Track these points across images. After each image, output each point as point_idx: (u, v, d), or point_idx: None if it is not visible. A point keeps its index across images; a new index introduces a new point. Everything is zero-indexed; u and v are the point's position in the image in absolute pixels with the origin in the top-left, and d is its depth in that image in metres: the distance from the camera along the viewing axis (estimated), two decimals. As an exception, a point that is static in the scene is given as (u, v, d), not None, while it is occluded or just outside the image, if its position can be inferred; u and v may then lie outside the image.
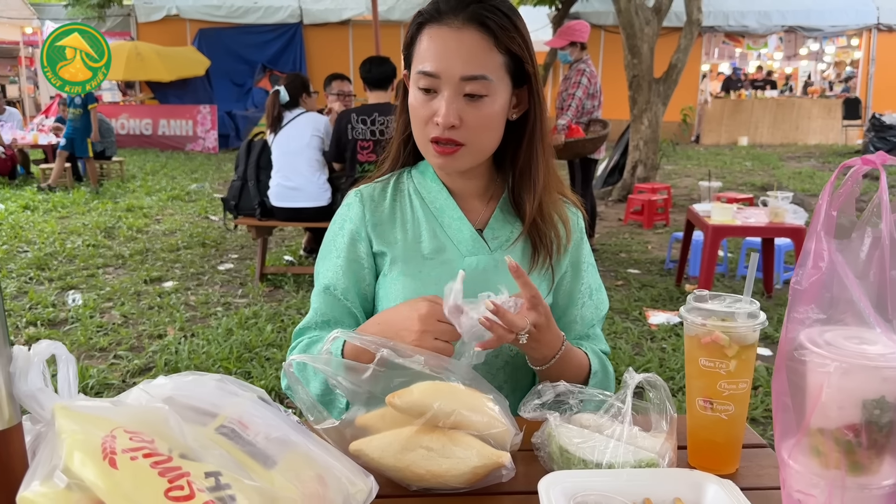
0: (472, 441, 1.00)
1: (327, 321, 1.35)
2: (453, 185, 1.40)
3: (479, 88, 1.23)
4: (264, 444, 0.85)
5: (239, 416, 0.86)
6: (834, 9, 16.98)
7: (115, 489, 0.69)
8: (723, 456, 1.06)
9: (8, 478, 0.78)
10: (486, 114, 1.26)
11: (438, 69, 1.23)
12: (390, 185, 1.43)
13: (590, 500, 0.91)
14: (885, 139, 13.47)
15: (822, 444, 0.79)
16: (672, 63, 9.23)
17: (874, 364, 0.75)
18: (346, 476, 0.91)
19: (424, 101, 1.26)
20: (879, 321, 0.76)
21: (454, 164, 1.30)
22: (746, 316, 1.00)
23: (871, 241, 0.76)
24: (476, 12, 1.23)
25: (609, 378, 1.39)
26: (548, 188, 1.37)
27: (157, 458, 0.72)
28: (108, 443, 0.72)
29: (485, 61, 1.23)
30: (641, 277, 5.74)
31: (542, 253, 1.38)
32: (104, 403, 0.80)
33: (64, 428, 0.74)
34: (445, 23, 1.24)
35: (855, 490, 0.78)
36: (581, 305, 1.43)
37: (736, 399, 1.02)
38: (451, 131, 1.24)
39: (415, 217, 1.39)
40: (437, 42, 1.24)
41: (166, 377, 0.89)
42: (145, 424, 0.77)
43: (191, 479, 0.71)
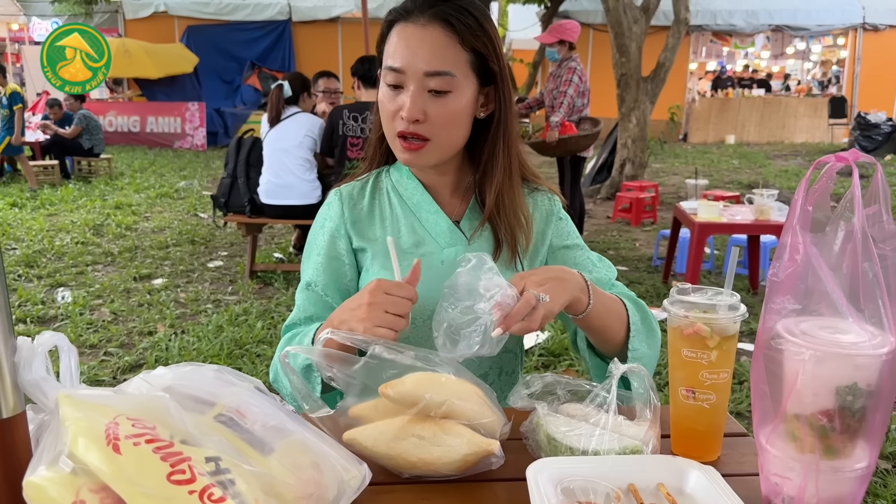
0: (463, 430, 1.03)
1: (310, 317, 1.38)
2: (428, 181, 1.43)
3: (443, 84, 1.26)
4: (261, 432, 0.87)
5: (236, 405, 0.89)
6: (820, 8, 17.11)
7: (119, 473, 0.72)
8: (705, 444, 1.09)
9: (13, 464, 0.80)
10: (450, 109, 1.28)
11: (403, 64, 1.26)
12: (369, 184, 1.46)
13: (576, 485, 0.94)
14: (870, 137, 13.59)
15: (798, 430, 0.82)
16: (660, 62, 9.29)
17: (847, 352, 0.79)
18: (340, 463, 0.94)
19: (391, 96, 1.29)
20: (852, 311, 0.79)
21: (420, 160, 1.33)
22: (727, 308, 1.04)
23: (844, 235, 0.80)
24: (441, 11, 1.26)
25: (646, 311, 1.37)
26: (509, 183, 1.39)
27: (159, 443, 0.75)
28: (111, 429, 0.75)
29: (449, 58, 1.27)
30: (629, 274, 5.79)
31: (504, 245, 1.40)
32: (106, 392, 0.83)
33: (68, 415, 0.77)
34: (412, 20, 1.28)
35: (829, 473, 0.82)
36: (590, 271, 1.44)
37: (717, 388, 1.06)
38: (415, 126, 1.27)
39: (393, 213, 1.42)
40: (403, 39, 1.28)
41: (165, 368, 0.92)
42: (147, 412, 0.79)
43: (192, 464, 0.73)
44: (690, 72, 18.08)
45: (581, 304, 1.21)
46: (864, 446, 0.82)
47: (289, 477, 0.82)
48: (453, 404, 1.04)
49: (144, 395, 0.83)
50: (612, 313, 1.29)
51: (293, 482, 0.82)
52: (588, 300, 1.22)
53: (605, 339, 1.31)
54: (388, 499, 1.00)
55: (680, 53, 11.31)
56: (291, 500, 0.81)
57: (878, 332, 0.79)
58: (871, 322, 0.79)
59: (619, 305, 1.33)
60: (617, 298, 1.34)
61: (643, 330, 1.33)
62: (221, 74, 16.83)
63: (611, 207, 8.53)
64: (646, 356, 1.32)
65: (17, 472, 0.80)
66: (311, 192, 5.28)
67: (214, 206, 5.66)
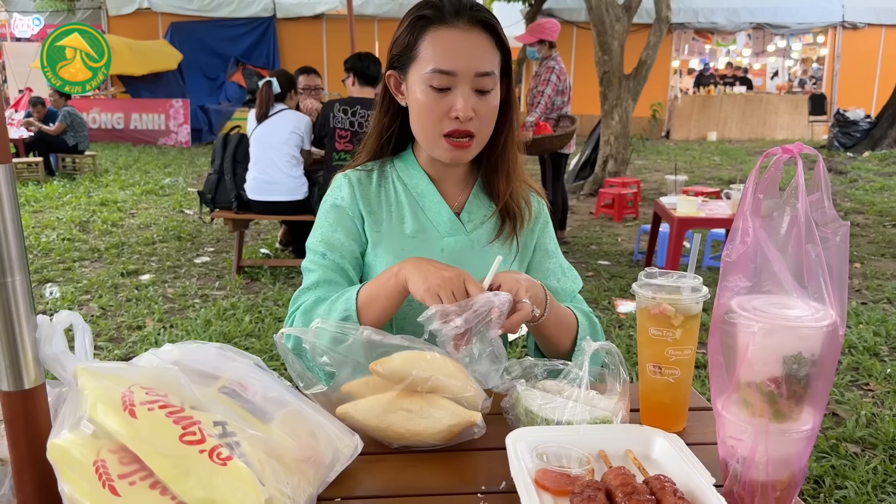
0: (447, 403, 1.11)
1: (329, 281, 1.43)
2: (435, 174, 1.52)
3: (489, 83, 1.37)
4: (262, 403, 0.95)
5: (239, 378, 0.97)
6: (800, 6, 17.31)
7: (135, 435, 0.79)
8: (671, 416, 1.18)
9: (35, 431, 0.87)
10: (492, 106, 1.40)
11: (455, 67, 1.34)
12: (374, 172, 1.54)
13: (550, 451, 1.02)
14: (848, 134, 13.78)
15: (750, 396, 0.91)
16: (642, 59, 9.40)
17: (792, 325, 0.87)
18: (334, 433, 1.02)
19: (438, 98, 1.36)
20: (797, 288, 0.88)
21: (467, 156, 1.43)
22: (690, 290, 1.13)
23: (789, 219, 0.88)
24: (479, 15, 1.36)
25: (596, 328, 1.51)
26: (518, 171, 1.52)
27: (171, 409, 0.82)
28: (127, 396, 0.82)
29: (492, 59, 1.38)
30: (611, 268, 5.89)
31: (508, 227, 1.52)
32: (120, 365, 0.90)
33: (86, 385, 0.84)
34: (452, 25, 1.35)
35: (777, 434, 0.91)
36: (557, 280, 1.56)
37: (682, 364, 1.14)
38: (469, 124, 1.36)
39: (398, 200, 1.51)
40: (451, 43, 1.35)
41: (172, 345, 0.99)
42: (158, 382, 0.87)
43: (201, 427, 0.81)
44: (673, 69, 18.24)
45: (536, 315, 1.32)
46: (809, 410, 0.91)
47: (288, 441, 0.90)
48: (438, 380, 1.12)
49: (155, 367, 0.91)
50: (562, 327, 1.42)
51: (292, 446, 0.90)
52: (543, 311, 1.33)
53: (552, 346, 1.44)
54: (378, 467, 1.08)
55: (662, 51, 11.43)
56: (291, 462, 0.89)
57: (821, 307, 0.88)
58: (814, 298, 0.88)
59: (572, 320, 1.46)
60: (571, 314, 1.46)
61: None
62: (205, 71, 16.80)
63: (594, 203, 8.64)
64: None
65: (39, 438, 0.88)
66: (298, 188, 5.33)
67: (201, 202, 5.70)
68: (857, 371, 3.83)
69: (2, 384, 0.86)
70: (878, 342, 4.18)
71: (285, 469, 0.87)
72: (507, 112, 1.47)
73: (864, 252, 6.41)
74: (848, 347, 4.11)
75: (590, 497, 0.90)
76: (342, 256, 1.45)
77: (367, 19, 16.00)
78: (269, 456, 0.85)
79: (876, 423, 3.21)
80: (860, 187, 9.72)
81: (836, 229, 0.88)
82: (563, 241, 6.78)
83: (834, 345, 0.88)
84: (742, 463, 0.93)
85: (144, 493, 0.77)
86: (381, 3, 16.67)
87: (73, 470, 0.79)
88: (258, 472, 0.81)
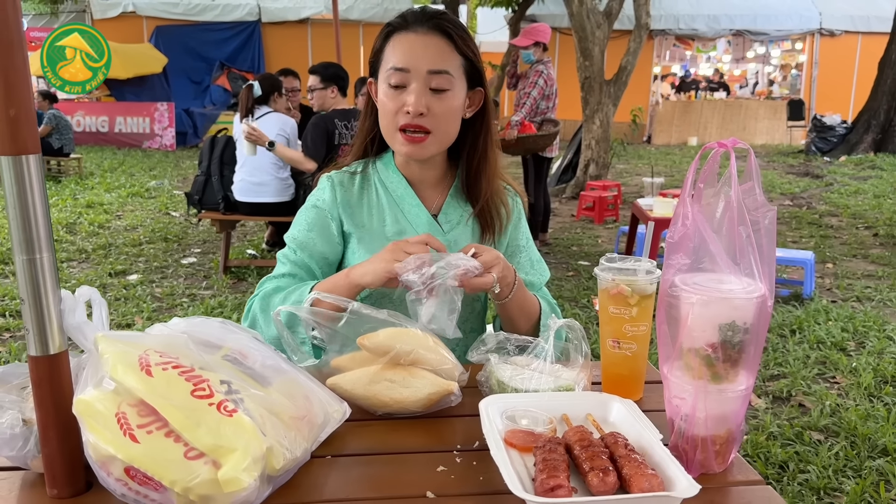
0: (427, 374, 1.23)
1: (293, 275, 1.56)
2: (412, 176, 1.63)
3: (443, 82, 1.48)
4: (261, 370, 1.07)
5: (239, 348, 1.08)
6: (779, 14, 17.61)
7: (152, 391, 0.91)
8: (629, 386, 1.30)
9: (59, 392, 0.98)
10: (448, 105, 1.50)
11: (408, 64, 1.47)
12: (358, 174, 1.65)
13: (517, 413, 1.15)
14: (825, 139, 14.05)
15: (691, 360, 1.04)
16: (622, 65, 9.59)
17: (725, 297, 1.00)
18: (325, 399, 1.14)
19: (394, 95, 1.49)
20: (730, 265, 1.01)
21: (421, 151, 1.52)
22: (644, 272, 1.25)
23: (724, 205, 1.01)
24: (438, 22, 1.49)
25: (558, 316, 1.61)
26: (495, 175, 1.63)
27: (182, 369, 0.94)
28: (143, 359, 0.94)
29: (447, 59, 1.49)
30: (591, 269, 6.01)
31: (487, 231, 1.64)
32: (135, 333, 1.02)
33: (106, 350, 0.96)
34: (412, 30, 1.49)
35: (715, 394, 1.03)
36: (526, 273, 1.67)
37: (638, 339, 1.27)
38: (419, 119, 1.48)
39: (379, 203, 1.62)
40: (407, 44, 1.49)
41: (179, 318, 1.10)
42: (170, 347, 0.98)
43: (210, 383, 0.93)
44: (654, 75, 18.48)
45: (503, 294, 1.45)
46: (743, 373, 1.04)
47: (286, 402, 1.02)
48: (419, 353, 1.24)
49: (167, 335, 1.02)
50: (524, 311, 1.54)
51: (289, 406, 1.02)
52: (508, 294, 1.46)
53: (513, 327, 1.55)
54: (365, 431, 1.20)
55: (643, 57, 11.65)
56: (288, 419, 1.00)
57: (752, 282, 1.01)
58: (745, 273, 1.01)
59: (536, 308, 1.58)
60: (537, 303, 1.59)
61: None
62: (190, 75, 16.84)
63: (575, 206, 8.79)
64: None
65: (62, 398, 0.99)
66: (285, 190, 5.44)
67: (189, 203, 5.79)
68: (824, 365, 3.99)
69: (30, 350, 0.97)
70: (846, 338, 4.34)
71: (283, 425, 0.98)
72: (484, 116, 1.59)
73: (837, 253, 6.59)
74: (817, 343, 4.27)
75: (550, 449, 1.02)
76: (310, 256, 1.57)
77: (352, 24, 16.11)
78: (269, 413, 0.97)
79: (840, 412, 3.36)
80: (835, 191, 9.95)
81: (764, 213, 1.01)
82: (545, 243, 6.92)
83: (763, 314, 1.01)
84: (685, 420, 1.06)
85: (160, 441, 0.88)
86: (366, 7, 16.79)
87: (97, 421, 0.90)
88: (260, 425, 0.92)
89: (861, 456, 2.96)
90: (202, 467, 0.86)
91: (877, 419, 3.26)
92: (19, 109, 0.92)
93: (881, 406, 3.41)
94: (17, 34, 0.90)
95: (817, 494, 2.72)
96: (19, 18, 0.91)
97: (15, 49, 0.90)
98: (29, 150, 0.93)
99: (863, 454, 2.97)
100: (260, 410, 0.95)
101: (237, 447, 0.88)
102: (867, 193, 9.62)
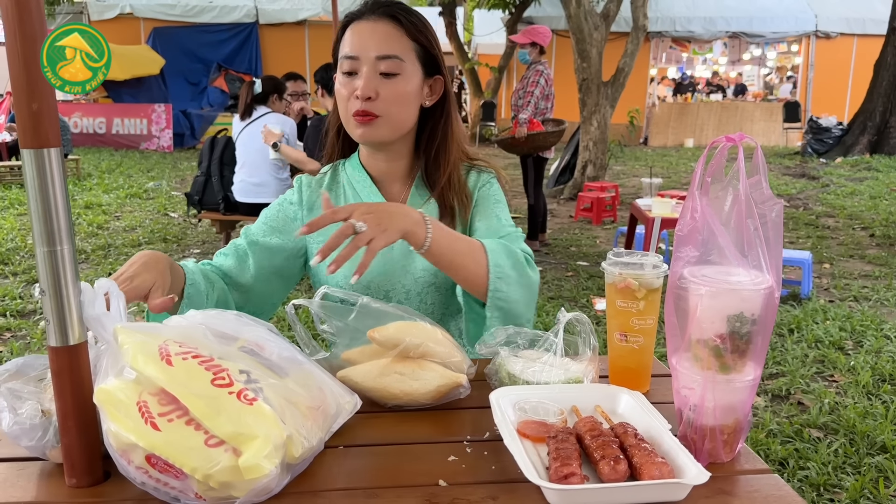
0: (436, 366, 1.25)
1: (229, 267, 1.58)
2: (377, 171, 1.65)
3: (393, 67, 1.49)
4: (277, 361, 1.08)
5: (256, 339, 1.10)
6: (775, 16, 17.69)
7: (172, 380, 0.92)
8: (636, 379, 1.32)
9: (79, 382, 1.00)
10: (399, 90, 1.50)
11: (357, 51, 1.49)
12: (327, 176, 1.69)
13: (529, 405, 1.16)
14: (821, 141, 14.11)
15: (699, 351, 1.05)
16: (619, 67, 9.61)
17: (733, 288, 1.02)
18: (338, 391, 1.15)
19: (346, 82, 1.51)
20: (738, 257, 1.03)
21: (373, 134, 1.52)
22: (651, 266, 1.27)
23: (732, 198, 1.03)
24: (389, 9, 1.51)
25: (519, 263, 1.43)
26: (456, 163, 1.62)
27: (202, 358, 0.95)
28: (163, 349, 0.95)
29: (396, 45, 1.50)
30: (589, 269, 6.05)
31: (446, 216, 1.60)
32: (153, 325, 1.03)
33: (125, 341, 0.97)
34: (364, 18, 1.51)
35: (723, 384, 1.05)
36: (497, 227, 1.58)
37: (645, 332, 1.29)
38: (368, 103, 1.49)
39: (346, 202, 1.64)
40: (357, 32, 1.51)
41: (195, 311, 1.12)
42: (189, 338, 1.00)
43: (230, 372, 0.94)
44: (651, 77, 18.54)
45: (418, 237, 1.28)
46: (750, 363, 1.05)
47: (302, 392, 1.03)
48: (428, 346, 1.25)
49: (185, 325, 1.03)
50: (460, 253, 1.35)
51: (306, 396, 1.03)
52: (426, 234, 1.29)
53: (462, 277, 1.39)
54: (375, 422, 1.21)
55: (640, 59, 11.67)
56: (304, 409, 1.02)
57: (759, 274, 1.02)
58: (753, 266, 1.03)
59: (475, 248, 1.39)
60: (475, 242, 1.40)
61: (512, 276, 1.40)
62: (188, 76, 16.86)
63: (573, 207, 8.82)
64: (513, 300, 1.41)
65: (82, 388, 1.00)
66: (284, 190, 5.41)
67: (189, 204, 5.80)
68: (822, 364, 4.01)
69: (50, 340, 0.98)
70: (844, 337, 4.37)
71: (301, 414, 1.00)
72: (444, 103, 1.59)
73: (834, 253, 6.63)
74: (815, 342, 4.29)
75: (562, 439, 1.03)
76: (253, 243, 1.60)
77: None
78: (287, 402, 0.98)
79: (838, 410, 3.38)
80: (832, 192, 9.99)
81: (771, 206, 1.03)
82: (543, 244, 6.94)
83: (771, 306, 1.03)
84: (693, 410, 1.07)
85: (181, 429, 0.90)
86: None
87: (118, 410, 0.91)
88: (280, 413, 0.94)
89: (860, 453, 2.98)
90: (223, 455, 0.88)
91: (875, 417, 3.29)
92: (41, 103, 0.93)
93: (879, 404, 3.43)
94: (39, 29, 0.92)
95: (817, 491, 2.74)
96: (42, 13, 0.92)
97: (37, 44, 0.92)
98: (50, 143, 0.95)
99: (862, 451, 2.99)
100: (279, 399, 0.97)
101: (258, 434, 0.89)
102: (863, 194, 9.67)
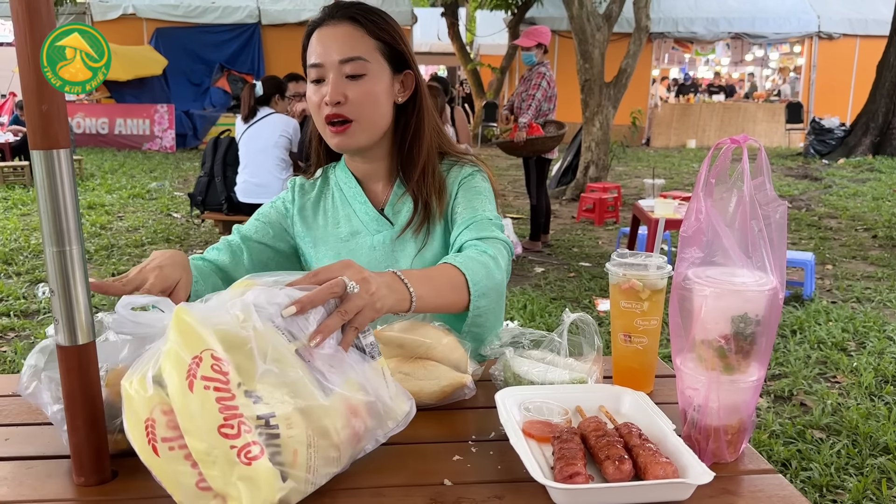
0: (441, 367, 1.25)
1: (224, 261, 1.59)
2: (360, 172, 1.65)
3: (358, 68, 1.48)
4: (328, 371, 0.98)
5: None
6: (777, 17, 17.68)
7: (184, 408, 0.87)
8: (640, 379, 1.33)
9: (87, 381, 1.01)
10: (367, 90, 1.49)
11: (321, 58, 1.49)
12: (319, 179, 1.70)
13: (534, 405, 1.17)
14: (824, 142, 14.10)
15: (704, 352, 1.06)
16: (622, 68, 9.62)
17: (738, 289, 1.03)
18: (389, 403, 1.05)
19: (315, 89, 1.51)
20: (742, 258, 1.03)
21: (349, 141, 1.52)
22: (655, 267, 1.28)
23: (736, 199, 1.04)
24: (348, 11, 1.50)
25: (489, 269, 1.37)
26: (430, 155, 1.60)
27: (223, 394, 0.88)
28: (194, 365, 0.89)
29: (358, 45, 1.49)
30: (592, 270, 6.06)
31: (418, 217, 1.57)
32: (211, 312, 0.95)
33: (170, 337, 0.91)
34: (325, 24, 1.51)
35: (727, 385, 1.06)
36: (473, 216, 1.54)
37: (649, 333, 1.29)
38: (337, 108, 1.48)
39: (335, 206, 1.66)
40: (319, 39, 1.51)
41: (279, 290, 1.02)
42: (232, 346, 0.91)
43: (242, 420, 0.88)
44: (653, 78, 18.53)
45: (404, 304, 1.18)
46: (754, 364, 1.06)
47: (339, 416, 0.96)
48: (433, 347, 1.26)
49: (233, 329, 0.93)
50: (442, 293, 1.28)
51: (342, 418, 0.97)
52: (410, 301, 1.18)
53: (448, 311, 1.33)
54: (381, 422, 1.22)
55: (643, 60, 11.68)
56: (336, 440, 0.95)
57: (763, 275, 1.03)
58: (757, 267, 1.03)
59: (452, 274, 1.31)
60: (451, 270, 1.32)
61: (486, 285, 1.35)
62: (190, 77, 16.86)
63: (575, 208, 8.82)
64: (488, 310, 1.36)
65: (90, 388, 1.01)
66: (287, 190, 5.45)
67: (192, 204, 5.81)
68: (825, 365, 4.02)
69: (59, 340, 0.99)
70: (846, 338, 4.37)
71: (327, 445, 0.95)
72: (416, 99, 1.57)
73: (836, 255, 6.63)
74: (817, 343, 4.30)
75: (567, 439, 1.04)
76: (246, 238, 1.63)
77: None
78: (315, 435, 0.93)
79: (841, 411, 3.38)
80: (834, 193, 9.99)
81: (775, 208, 1.04)
82: (546, 244, 6.95)
83: (775, 306, 1.03)
84: (698, 410, 1.08)
85: (178, 462, 0.88)
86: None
87: (130, 417, 0.91)
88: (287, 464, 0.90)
89: (863, 454, 2.98)
90: (211, 500, 0.88)
91: (878, 418, 3.29)
92: (51, 105, 0.94)
93: (882, 405, 3.43)
94: (49, 30, 0.93)
95: (820, 492, 2.74)
96: (52, 15, 0.93)
97: (47, 46, 0.93)
98: (60, 144, 0.95)
99: (864, 452, 3.00)
100: (300, 439, 0.92)
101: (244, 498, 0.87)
102: (866, 196, 9.66)
